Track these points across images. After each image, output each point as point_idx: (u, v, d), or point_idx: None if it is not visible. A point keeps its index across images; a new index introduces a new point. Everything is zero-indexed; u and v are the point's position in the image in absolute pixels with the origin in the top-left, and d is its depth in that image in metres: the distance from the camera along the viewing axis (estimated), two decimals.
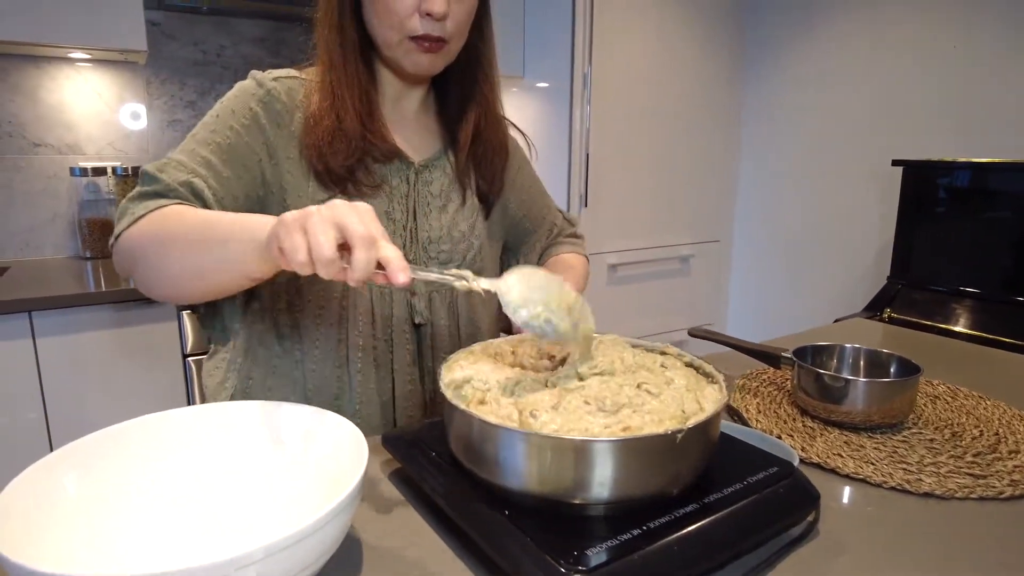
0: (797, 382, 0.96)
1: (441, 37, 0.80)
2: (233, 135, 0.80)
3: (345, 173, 0.81)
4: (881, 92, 2.54)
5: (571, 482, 0.56)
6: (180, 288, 0.71)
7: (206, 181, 0.77)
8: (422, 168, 0.90)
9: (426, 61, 0.82)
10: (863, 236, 2.67)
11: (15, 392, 1.63)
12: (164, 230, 0.70)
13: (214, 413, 0.66)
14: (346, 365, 0.87)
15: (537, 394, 0.63)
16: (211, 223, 0.67)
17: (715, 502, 0.59)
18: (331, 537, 0.48)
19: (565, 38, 2.45)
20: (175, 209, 0.72)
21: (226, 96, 0.83)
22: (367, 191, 0.84)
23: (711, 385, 0.70)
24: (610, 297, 2.70)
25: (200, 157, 0.78)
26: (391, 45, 0.81)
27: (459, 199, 0.94)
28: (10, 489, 0.50)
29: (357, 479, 0.51)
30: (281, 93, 0.82)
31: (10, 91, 2.02)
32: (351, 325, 0.86)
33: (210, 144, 0.79)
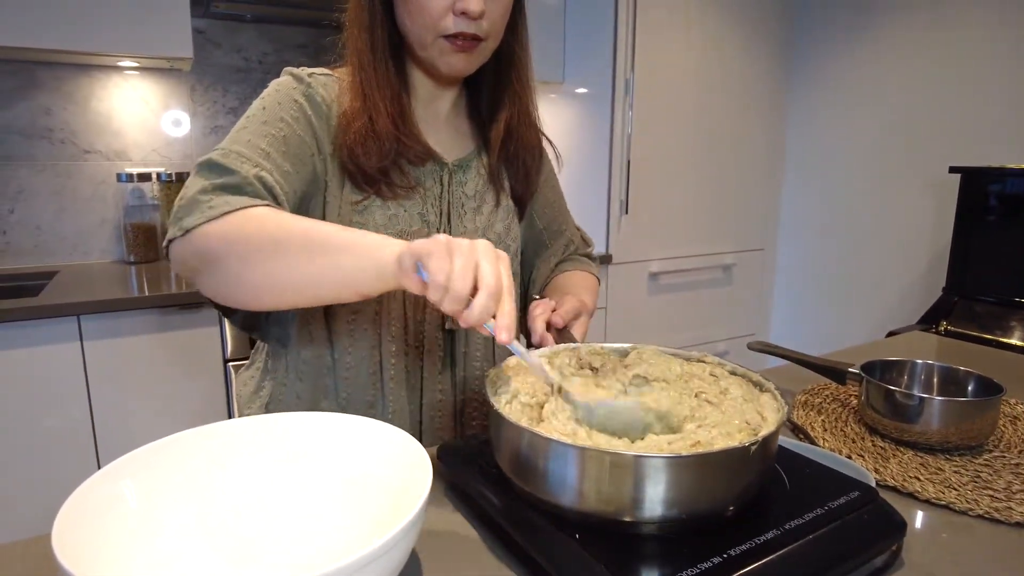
0: (865, 399, 0.91)
1: (476, 36, 0.78)
2: (286, 127, 0.76)
3: (378, 174, 0.79)
4: (938, 97, 2.45)
5: (645, 501, 0.53)
6: (260, 297, 0.66)
7: (272, 175, 0.72)
8: (456, 169, 0.88)
9: (461, 61, 0.80)
10: (914, 245, 2.58)
11: (63, 394, 1.65)
12: (256, 235, 0.64)
13: (274, 424, 0.64)
14: (379, 372, 0.85)
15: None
16: (315, 234, 0.63)
17: (796, 528, 0.55)
18: (396, 560, 0.46)
19: (607, 43, 2.42)
20: (265, 212, 0.66)
21: (265, 93, 0.80)
22: (401, 192, 0.82)
23: (764, 394, 0.66)
24: (651, 306, 2.65)
25: (260, 149, 0.73)
26: (425, 45, 0.79)
27: (493, 200, 0.92)
28: (72, 500, 0.48)
29: (422, 499, 0.48)
30: (319, 88, 0.80)
31: (63, 100, 2.07)
32: (384, 330, 0.84)
33: (266, 136, 0.74)
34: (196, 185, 0.68)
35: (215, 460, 0.61)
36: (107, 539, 0.49)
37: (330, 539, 0.59)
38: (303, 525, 0.60)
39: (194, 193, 0.67)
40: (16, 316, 1.56)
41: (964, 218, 2.14)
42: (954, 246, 2.16)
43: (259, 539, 0.59)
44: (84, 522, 0.48)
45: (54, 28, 1.73)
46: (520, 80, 0.90)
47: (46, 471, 1.66)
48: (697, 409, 0.60)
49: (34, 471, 1.65)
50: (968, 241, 2.13)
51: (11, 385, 1.59)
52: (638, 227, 2.56)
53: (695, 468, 0.53)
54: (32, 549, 0.62)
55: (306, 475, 0.63)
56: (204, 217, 0.65)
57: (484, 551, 0.61)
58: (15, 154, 2.03)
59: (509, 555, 0.60)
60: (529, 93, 0.92)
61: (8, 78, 1.99)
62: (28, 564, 0.60)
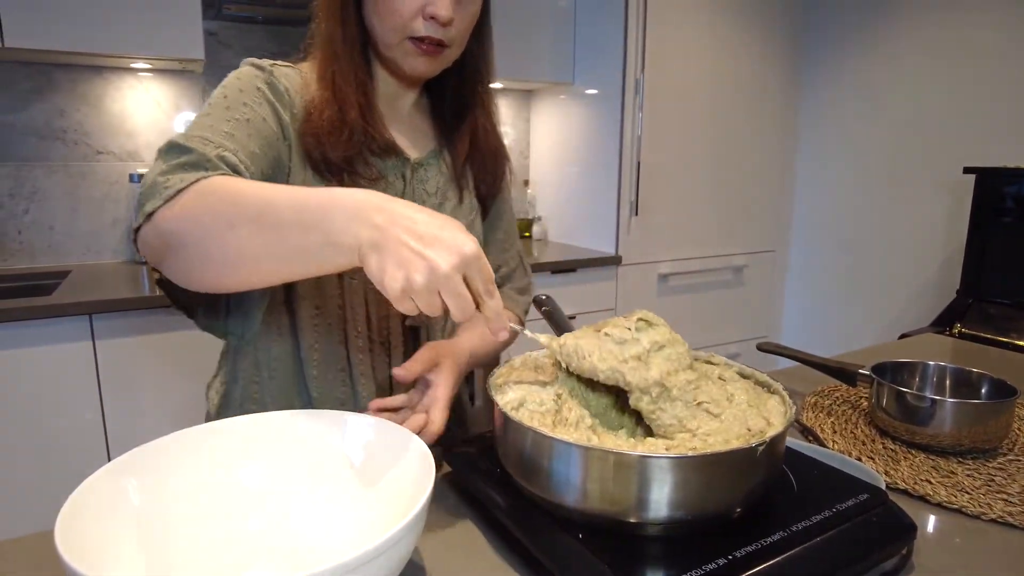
0: (876, 401, 0.89)
1: (442, 41, 0.78)
2: (249, 111, 0.74)
3: (343, 163, 0.79)
4: (952, 97, 2.43)
5: (650, 502, 0.52)
6: (226, 276, 0.61)
7: (236, 155, 0.69)
8: (417, 166, 0.87)
9: (424, 64, 0.80)
10: (928, 247, 2.55)
11: (75, 392, 1.67)
12: (215, 207, 0.59)
13: (278, 421, 0.64)
14: (348, 368, 0.84)
15: None
16: (276, 201, 0.57)
17: (804, 530, 0.55)
18: (396, 558, 0.46)
19: (617, 44, 2.41)
20: (221, 181, 0.61)
21: (226, 81, 0.77)
22: (364, 183, 0.81)
23: (772, 397, 0.66)
24: (661, 308, 2.64)
25: (223, 132, 0.70)
26: (390, 45, 0.79)
27: (456, 198, 0.92)
28: (76, 497, 0.48)
29: (424, 497, 0.48)
30: (281, 77, 0.79)
31: (77, 101, 2.09)
32: (350, 325, 0.83)
33: (229, 120, 0.72)
34: (156, 169, 0.65)
35: (218, 458, 0.61)
36: (110, 536, 0.49)
37: (333, 537, 0.59)
38: (306, 523, 0.60)
39: (153, 176, 0.64)
40: (30, 315, 1.58)
41: (979, 219, 2.12)
42: (969, 247, 2.14)
43: (262, 537, 0.59)
44: (88, 518, 0.48)
45: (69, 30, 1.74)
46: (484, 87, 0.91)
47: (57, 468, 1.67)
48: (691, 420, 0.59)
49: (45, 468, 1.66)
50: (983, 242, 2.10)
51: (24, 383, 1.61)
52: (648, 228, 2.55)
53: (701, 469, 0.53)
54: (37, 544, 0.63)
55: (310, 473, 0.62)
56: (162, 198, 0.61)
57: (488, 550, 0.61)
58: (30, 155, 2.05)
59: (512, 554, 0.60)
60: (492, 100, 0.93)
61: (24, 80, 2.01)
62: (34, 558, 0.60)
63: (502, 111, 2.87)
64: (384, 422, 0.63)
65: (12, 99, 2.01)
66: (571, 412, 0.60)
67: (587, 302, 2.45)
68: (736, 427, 0.59)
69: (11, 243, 2.06)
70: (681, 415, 0.59)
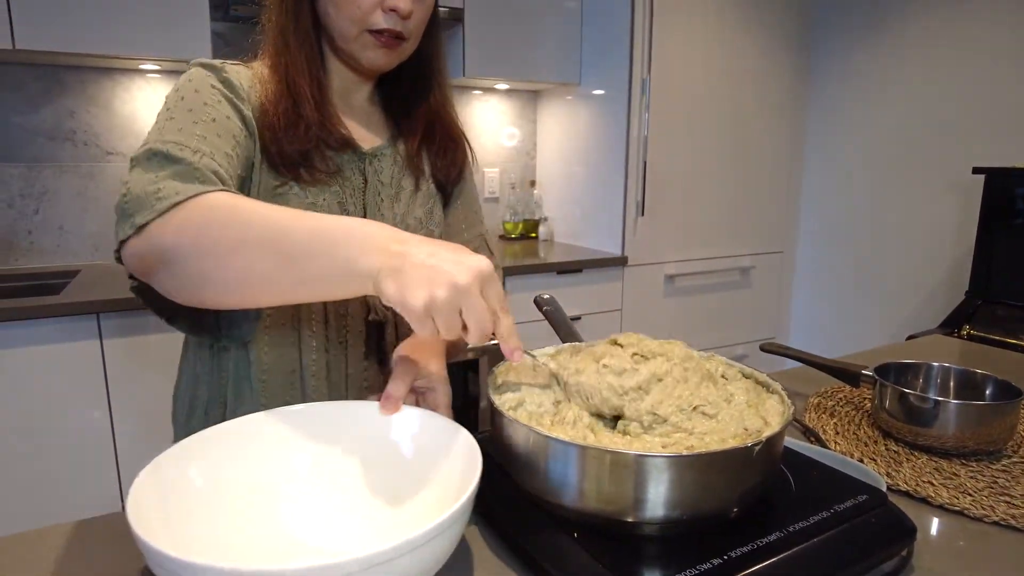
0: (879, 402, 0.89)
1: (401, 33, 0.78)
2: (212, 111, 0.72)
3: (299, 158, 0.78)
4: (961, 97, 2.41)
5: (647, 501, 0.52)
6: (225, 296, 0.60)
7: (215, 159, 0.68)
8: (372, 157, 0.87)
9: (382, 57, 0.80)
10: (937, 248, 2.53)
11: (83, 390, 1.68)
12: (218, 226, 0.58)
13: (329, 411, 0.65)
14: (299, 370, 0.83)
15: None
16: (287, 228, 0.56)
17: (801, 531, 0.55)
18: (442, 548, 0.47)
19: (623, 45, 2.41)
20: (223, 199, 0.60)
21: (178, 85, 0.74)
22: (321, 177, 0.80)
23: (771, 397, 0.65)
24: (668, 309, 2.63)
25: (195, 136, 0.68)
26: (348, 38, 0.79)
27: (412, 185, 0.91)
28: (143, 477, 0.52)
29: (471, 488, 0.49)
30: (232, 76, 0.78)
31: (87, 102, 2.11)
32: (304, 326, 0.82)
33: (196, 123, 0.69)
34: (141, 178, 0.63)
35: (273, 445, 0.62)
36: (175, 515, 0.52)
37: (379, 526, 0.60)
38: (354, 510, 0.61)
39: (142, 186, 0.62)
40: (38, 314, 1.59)
41: (988, 220, 2.10)
42: (978, 248, 2.12)
43: (311, 522, 0.60)
44: (155, 498, 0.51)
45: (79, 32, 1.76)
46: (438, 79, 0.91)
47: (64, 467, 1.69)
48: (686, 421, 0.59)
49: (53, 466, 1.68)
50: (992, 243, 2.09)
51: (33, 381, 1.62)
52: (654, 229, 2.54)
53: (697, 468, 0.52)
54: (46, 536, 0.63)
55: (361, 461, 0.64)
56: (155, 211, 0.60)
57: (484, 549, 0.61)
58: (40, 156, 2.07)
59: (509, 553, 0.60)
60: (447, 93, 0.93)
61: (34, 81, 2.03)
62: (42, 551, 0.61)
63: (509, 112, 2.88)
64: (430, 413, 0.64)
65: (23, 101, 2.03)
66: (569, 411, 0.60)
67: (593, 303, 2.45)
68: (733, 427, 0.59)
69: (21, 243, 2.08)
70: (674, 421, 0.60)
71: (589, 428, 0.59)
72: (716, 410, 0.60)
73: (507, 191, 2.85)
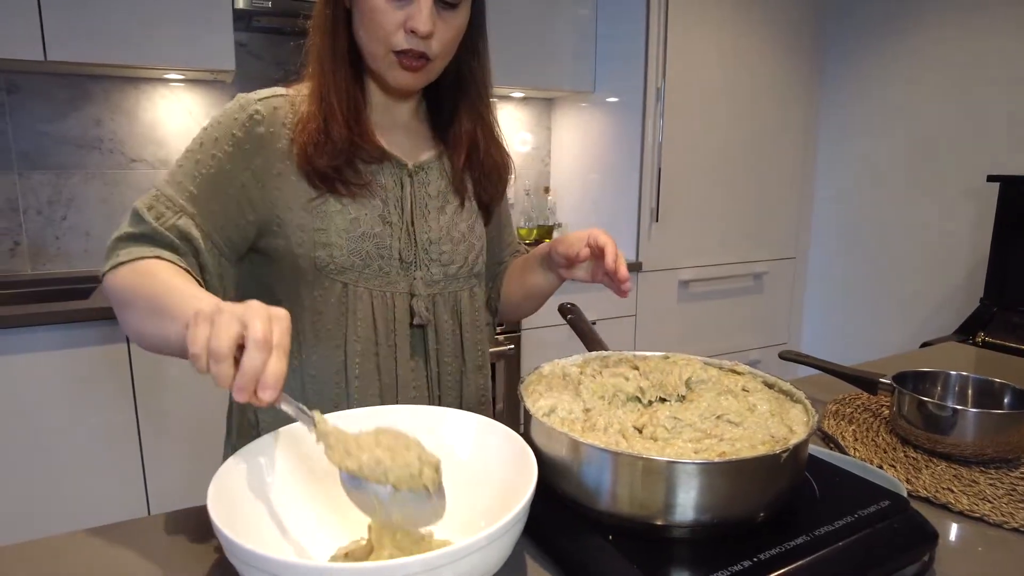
0: (897, 409, 0.91)
1: (424, 54, 0.80)
2: (216, 164, 0.80)
3: (332, 172, 0.82)
4: (975, 103, 2.41)
5: (677, 506, 0.55)
6: (142, 342, 0.73)
7: (194, 219, 0.79)
8: (417, 170, 0.90)
9: (407, 78, 0.83)
10: (951, 255, 2.53)
11: (109, 394, 1.72)
12: (131, 288, 0.72)
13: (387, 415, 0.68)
14: (344, 371, 0.86)
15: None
16: (160, 294, 0.68)
17: (826, 535, 0.57)
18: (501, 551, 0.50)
19: (638, 52, 2.43)
20: (148, 266, 0.73)
21: (212, 121, 0.84)
22: (356, 190, 0.84)
23: (795, 406, 0.68)
24: (681, 314, 2.65)
25: (187, 192, 0.79)
26: (376, 58, 0.82)
27: (457, 201, 0.94)
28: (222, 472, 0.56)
29: (527, 495, 0.51)
30: (265, 115, 0.82)
31: (112, 111, 2.16)
32: (350, 329, 0.85)
33: (196, 177, 0.80)
34: (119, 230, 0.78)
35: None
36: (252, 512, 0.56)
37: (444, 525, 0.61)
38: None
39: (112, 240, 0.77)
40: (67, 318, 1.63)
41: (1003, 227, 2.10)
42: (993, 255, 2.12)
43: None
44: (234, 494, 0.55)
45: (107, 44, 1.80)
46: (481, 98, 0.93)
47: (91, 470, 1.73)
48: (714, 428, 0.62)
49: (80, 469, 1.71)
50: (1007, 250, 2.09)
51: (61, 385, 1.66)
52: (668, 235, 2.56)
53: (726, 474, 0.55)
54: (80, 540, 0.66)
55: None
56: (109, 265, 0.75)
57: (517, 552, 0.63)
58: (68, 163, 2.12)
59: (544, 555, 0.62)
60: (491, 110, 0.95)
61: (62, 91, 2.08)
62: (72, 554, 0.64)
63: (524, 120, 2.91)
64: (485, 419, 0.67)
65: (51, 110, 2.08)
66: (600, 418, 0.63)
67: (608, 309, 2.47)
68: (760, 434, 0.61)
69: (49, 248, 2.13)
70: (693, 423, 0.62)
71: (620, 434, 0.61)
72: (740, 419, 0.62)
73: (521, 197, 2.88)
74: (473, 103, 0.92)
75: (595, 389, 0.69)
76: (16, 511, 1.67)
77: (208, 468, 0.57)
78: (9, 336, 1.59)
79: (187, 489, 1.84)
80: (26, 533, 1.67)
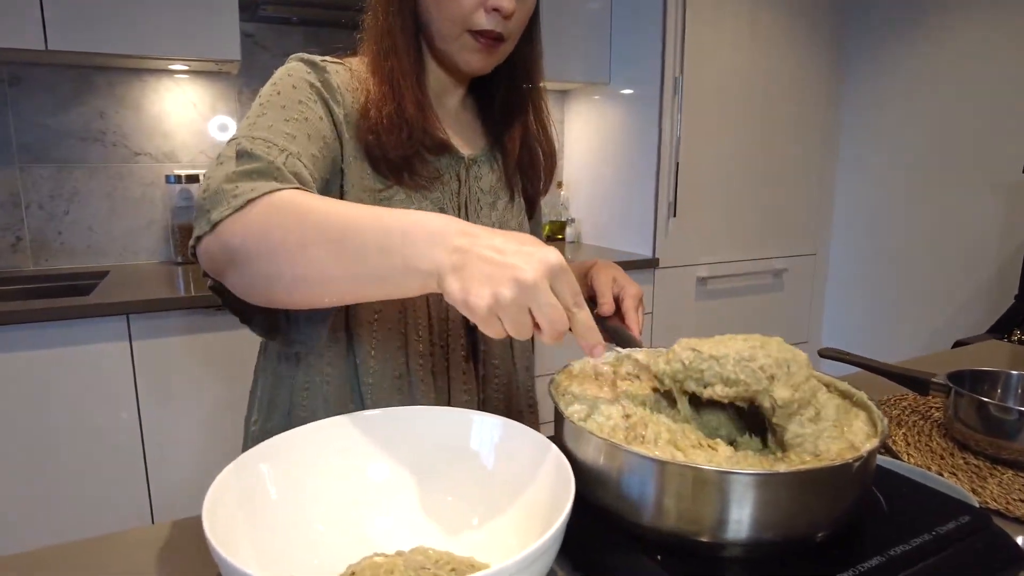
0: (953, 412, 0.84)
1: (501, 35, 0.75)
2: (306, 110, 0.71)
3: (401, 162, 0.77)
4: (1006, 92, 2.32)
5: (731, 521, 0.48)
6: (295, 294, 0.58)
7: (300, 160, 0.67)
8: (472, 163, 0.85)
9: (481, 59, 0.77)
10: (980, 251, 2.45)
11: (112, 391, 1.67)
12: (288, 224, 0.57)
13: (406, 417, 0.62)
14: (407, 375, 0.81)
15: None
16: (356, 224, 0.54)
17: (903, 556, 0.50)
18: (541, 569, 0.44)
19: (655, 43, 2.36)
20: (292, 196, 0.59)
21: (276, 77, 0.74)
22: (423, 183, 0.79)
23: (859, 413, 0.60)
24: (699, 311, 2.57)
25: (285, 134, 0.67)
26: (448, 38, 0.76)
27: (507, 196, 0.90)
28: (218, 484, 0.48)
29: (565, 512, 0.45)
30: (332, 72, 0.76)
31: (116, 103, 2.10)
32: (411, 329, 0.80)
33: (288, 120, 0.69)
34: (220, 174, 0.62)
35: (349, 452, 0.59)
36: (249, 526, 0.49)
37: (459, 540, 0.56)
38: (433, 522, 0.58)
39: (219, 183, 0.61)
40: (68, 314, 1.58)
41: None
42: None
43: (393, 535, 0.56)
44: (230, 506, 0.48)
45: (109, 33, 1.75)
46: (535, 90, 0.88)
47: (94, 467, 1.67)
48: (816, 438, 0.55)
49: (82, 467, 1.66)
50: None
51: (62, 382, 1.61)
52: (686, 230, 2.49)
53: (790, 486, 0.48)
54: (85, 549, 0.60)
55: (443, 471, 0.60)
56: (230, 208, 0.59)
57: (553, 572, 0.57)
58: (71, 157, 2.07)
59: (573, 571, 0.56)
60: (543, 99, 0.90)
61: (66, 83, 2.03)
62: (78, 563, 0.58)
63: None
64: (509, 422, 0.60)
65: (53, 102, 2.03)
66: (647, 428, 0.56)
67: None
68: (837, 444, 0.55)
69: (52, 243, 2.08)
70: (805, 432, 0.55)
71: (671, 444, 0.55)
72: (814, 419, 0.55)
73: None
74: (527, 92, 0.87)
75: (635, 394, 0.62)
76: (17, 512, 1.62)
77: (215, 468, 0.51)
78: (10, 333, 1.54)
79: (193, 487, 1.78)
80: (26, 536, 1.62)
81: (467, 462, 0.59)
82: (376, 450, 0.60)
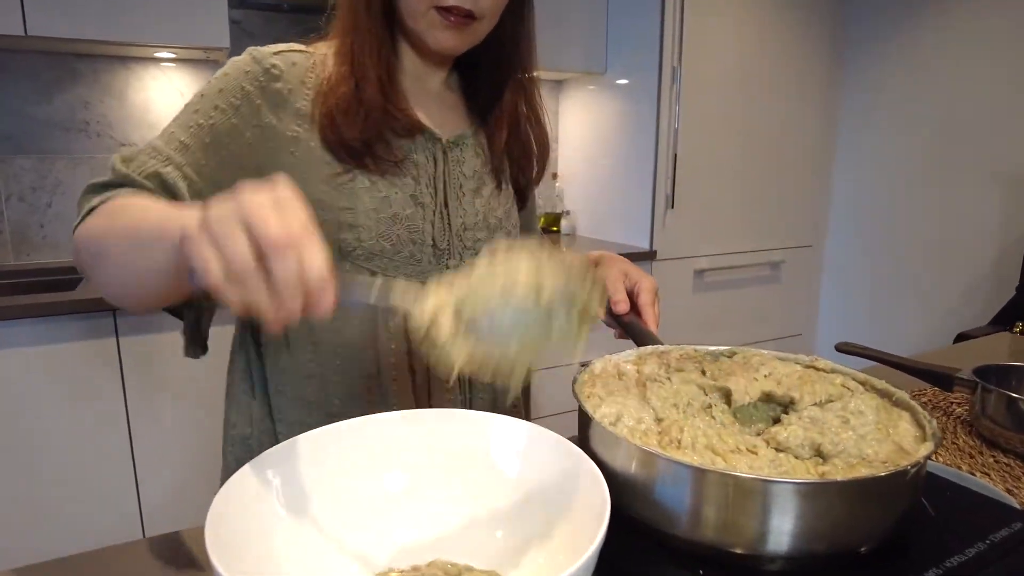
0: (981, 408, 0.81)
1: (471, 12, 0.71)
2: (218, 115, 0.70)
3: (361, 147, 0.72)
4: (1007, 84, 2.31)
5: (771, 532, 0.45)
6: (125, 297, 0.61)
7: (181, 169, 0.68)
8: (451, 146, 0.80)
9: (451, 38, 0.73)
10: (978, 242, 2.43)
11: (99, 389, 1.62)
12: (103, 229, 0.60)
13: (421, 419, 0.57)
14: (378, 374, 0.76)
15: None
16: (140, 220, 0.56)
17: (960, 568, 0.47)
18: None
19: (653, 32, 2.32)
20: (120, 202, 0.62)
21: (218, 73, 0.73)
22: (387, 167, 0.74)
23: (902, 414, 0.57)
24: (697, 304, 2.55)
25: (178, 142, 0.69)
26: (415, 15, 0.72)
27: (494, 183, 0.84)
28: (222, 495, 0.45)
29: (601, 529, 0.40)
30: (283, 70, 0.73)
31: (101, 92, 2.04)
32: (380, 325, 0.75)
33: (191, 127, 0.70)
34: (85, 187, 0.67)
35: (361, 459, 0.55)
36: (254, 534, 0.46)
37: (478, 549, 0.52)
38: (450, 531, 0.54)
39: (81, 194, 0.67)
40: (53, 311, 1.53)
41: None
42: None
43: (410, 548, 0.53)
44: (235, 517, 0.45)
45: (92, 19, 1.68)
46: (525, 70, 0.84)
47: (81, 465, 1.62)
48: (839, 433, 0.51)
49: (69, 465, 1.61)
50: None
51: (48, 379, 1.56)
52: (684, 222, 2.46)
53: (841, 495, 0.45)
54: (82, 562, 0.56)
55: (462, 480, 0.56)
56: (78, 220, 0.64)
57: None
58: (54, 147, 2.00)
59: None
60: (535, 83, 0.85)
61: (48, 71, 1.96)
62: None
63: None
64: (534, 427, 0.55)
65: (36, 91, 1.96)
66: (683, 432, 0.52)
67: None
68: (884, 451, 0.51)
69: (34, 237, 2.02)
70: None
71: (709, 449, 0.51)
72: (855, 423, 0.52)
73: None
74: (516, 74, 0.82)
75: (666, 396, 0.59)
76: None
77: (205, 470, 0.47)
78: None
79: (182, 484, 1.73)
80: (8, 539, 1.57)
81: (488, 470, 0.55)
82: (392, 457, 0.56)
